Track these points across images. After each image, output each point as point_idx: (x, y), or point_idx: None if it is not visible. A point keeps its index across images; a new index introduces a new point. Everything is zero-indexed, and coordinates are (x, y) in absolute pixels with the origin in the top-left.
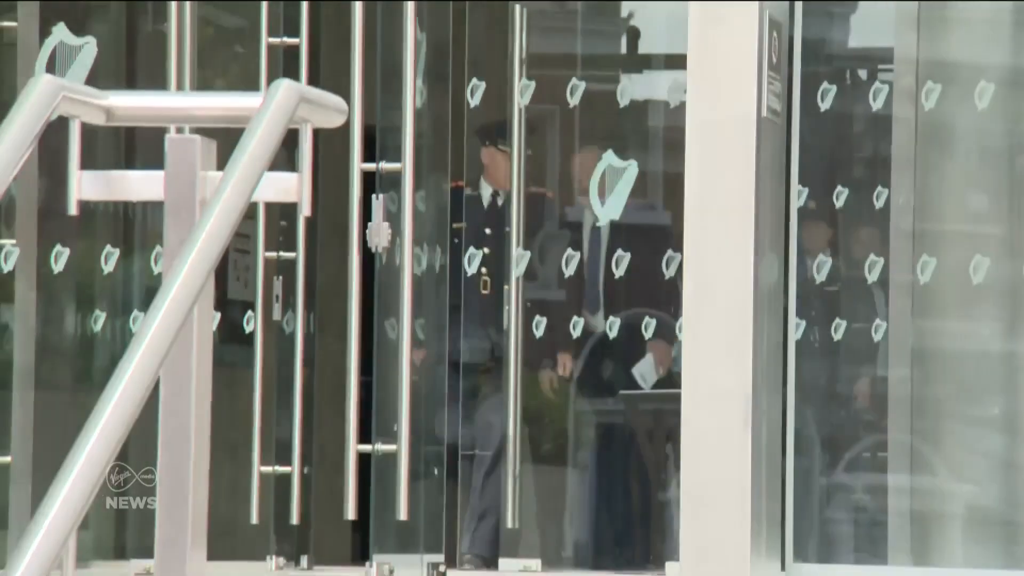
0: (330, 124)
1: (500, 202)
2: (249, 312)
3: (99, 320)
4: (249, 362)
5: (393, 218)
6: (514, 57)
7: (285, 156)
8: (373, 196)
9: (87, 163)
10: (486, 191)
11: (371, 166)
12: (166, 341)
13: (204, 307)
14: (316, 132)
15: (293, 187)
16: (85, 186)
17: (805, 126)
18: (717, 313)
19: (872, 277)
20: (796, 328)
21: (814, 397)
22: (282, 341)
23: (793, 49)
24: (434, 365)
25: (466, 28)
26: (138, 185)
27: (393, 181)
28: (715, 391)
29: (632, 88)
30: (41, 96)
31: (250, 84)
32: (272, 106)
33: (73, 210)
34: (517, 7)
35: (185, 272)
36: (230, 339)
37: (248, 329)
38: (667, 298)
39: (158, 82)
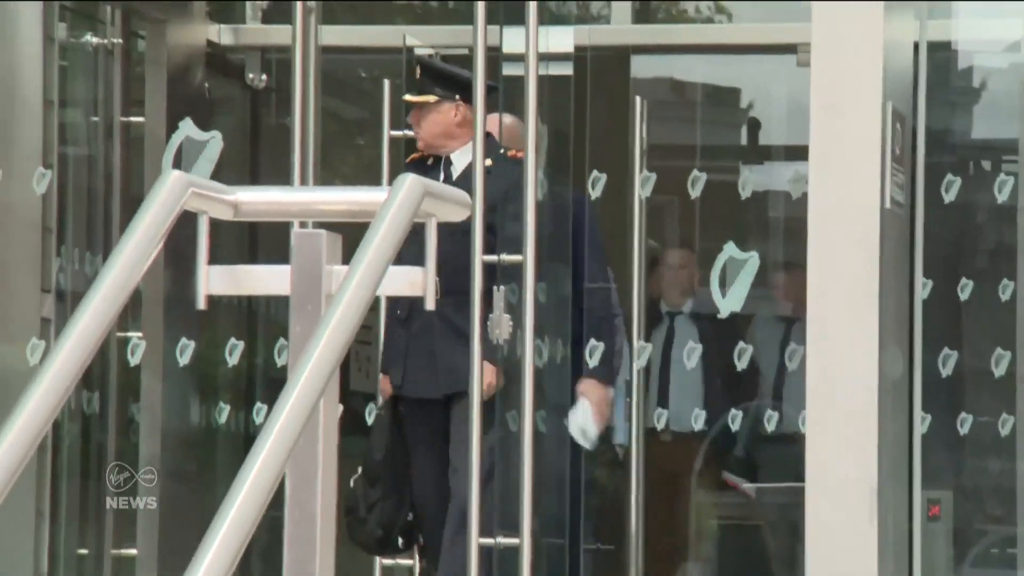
0: (454, 218)
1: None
2: (371, 404)
3: (223, 412)
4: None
5: (514, 310)
6: (635, 148)
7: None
8: (494, 288)
9: (212, 256)
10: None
11: (492, 258)
12: (293, 434)
13: (330, 399)
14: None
15: (418, 280)
16: (213, 280)
17: (929, 217)
18: (841, 405)
19: (999, 371)
20: (921, 421)
21: (941, 490)
22: None
23: (917, 140)
24: (556, 455)
25: (587, 119)
26: (265, 279)
27: (514, 273)
28: (840, 484)
29: (753, 179)
30: (170, 192)
31: (371, 176)
32: (397, 200)
33: (202, 305)
34: (638, 98)
35: (311, 365)
36: (352, 430)
37: (370, 420)
38: (790, 390)
39: (282, 174)
